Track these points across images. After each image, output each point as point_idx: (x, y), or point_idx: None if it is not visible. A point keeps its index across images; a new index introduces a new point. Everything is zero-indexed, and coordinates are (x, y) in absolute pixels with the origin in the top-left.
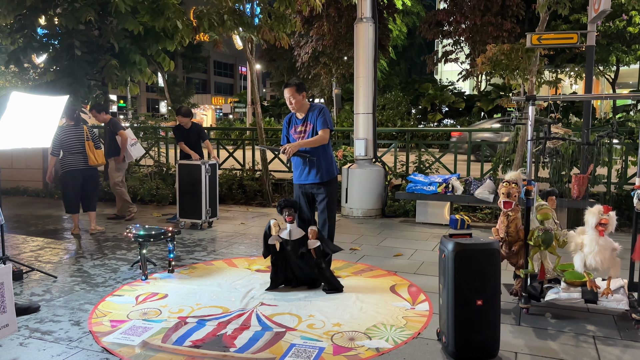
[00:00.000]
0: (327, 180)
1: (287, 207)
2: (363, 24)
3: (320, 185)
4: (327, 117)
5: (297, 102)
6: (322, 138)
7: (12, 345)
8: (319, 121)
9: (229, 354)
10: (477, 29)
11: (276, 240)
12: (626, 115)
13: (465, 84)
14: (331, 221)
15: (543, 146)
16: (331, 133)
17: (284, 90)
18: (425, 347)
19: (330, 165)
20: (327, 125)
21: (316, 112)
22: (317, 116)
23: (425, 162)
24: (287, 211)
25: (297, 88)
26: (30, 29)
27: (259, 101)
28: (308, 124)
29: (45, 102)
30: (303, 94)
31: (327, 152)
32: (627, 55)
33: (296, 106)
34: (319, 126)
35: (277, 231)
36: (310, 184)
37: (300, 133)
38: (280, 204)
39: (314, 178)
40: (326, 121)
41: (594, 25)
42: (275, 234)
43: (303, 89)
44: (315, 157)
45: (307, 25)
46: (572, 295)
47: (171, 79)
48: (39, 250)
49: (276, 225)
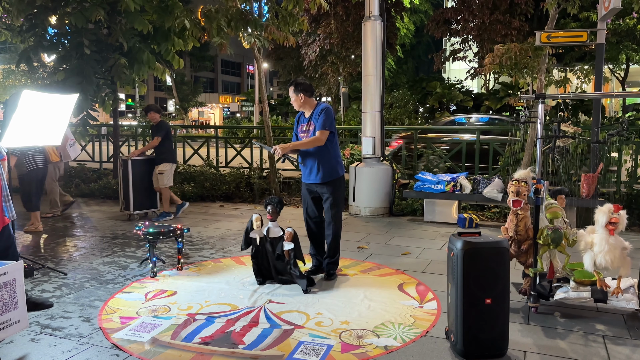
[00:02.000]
0: (329, 181)
1: (270, 205)
2: (371, 22)
3: (323, 185)
4: (327, 118)
5: (294, 101)
6: (317, 140)
7: (23, 341)
8: (318, 122)
9: (238, 351)
10: (486, 27)
11: (257, 235)
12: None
13: (474, 83)
14: (336, 221)
15: (553, 144)
16: (332, 135)
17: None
18: (433, 346)
19: (333, 165)
20: (325, 126)
21: (318, 112)
22: (318, 116)
23: (432, 161)
24: (270, 209)
25: (294, 88)
26: (41, 28)
27: (267, 100)
28: (311, 124)
29: (55, 100)
30: (301, 94)
31: (330, 152)
32: (637, 53)
33: (295, 105)
34: (318, 126)
35: (257, 225)
36: (313, 184)
37: (305, 132)
38: (266, 201)
39: (315, 178)
40: (324, 122)
41: (604, 23)
42: (256, 228)
43: (301, 89)
44: (311, 164)
45: (315, 24)
46: (582, 295)
47: (179, 78)
48: (48, 247)
49: (258, 220)
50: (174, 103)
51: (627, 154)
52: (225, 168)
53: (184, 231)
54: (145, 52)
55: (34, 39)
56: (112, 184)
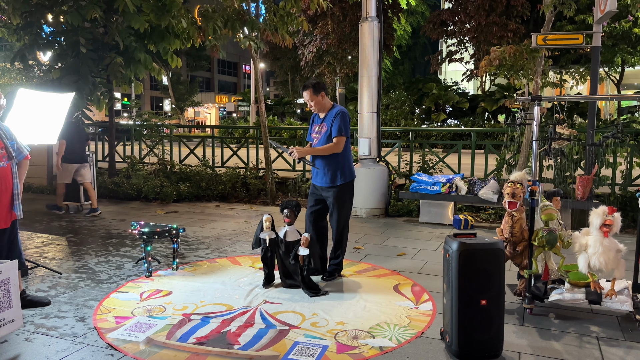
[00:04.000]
0: (334, 185)
1: (287, 209)
2: (368, 23)
3: (328, 189)
4: (343, 123)
5: (316, 103)
6: (335, 147)
7: (17, 340)
8: (334, 126)
9: (233, 351)
10: (482, 29)
11: (267, 235)
12: (631, 116)
13: (470, 84)
14: (339, 226)
15: (549, 146)
16: (346, 140)
17: (303, 93)
18: (428, 347)
19: (343, 170)
20: (342, 132)
21: (333, 115)
22: (332, 120)
23: (429, 162)
24: (287, 212)
25: (314, 89)
26: (37, 26)
27: (263, 100)
28: (324, 126)
29: (51, 99)
30: (322, 94)
31: (341, 157)
32: (632, 56)
33: (315, 108)
34: (334, 132)
35: (267, 226)
36: (319, 186)
37: (317, 133)
38: (283, 204)
39: (321, 181)
40: (342, 127)
41: (599, 26)
42: (265, 229)
43: (321, 89)
44: (319, 167)
45: (312, 24)
46: (576, 296)
47: (175, 77)
48: (43, 246)
49: (268, 221)
50: (170, 102)
51: (622, 157)
52: (221, 168)
53: (179, 231)
54: (141, 52)
55: (30, 37)
56: (107, 183)
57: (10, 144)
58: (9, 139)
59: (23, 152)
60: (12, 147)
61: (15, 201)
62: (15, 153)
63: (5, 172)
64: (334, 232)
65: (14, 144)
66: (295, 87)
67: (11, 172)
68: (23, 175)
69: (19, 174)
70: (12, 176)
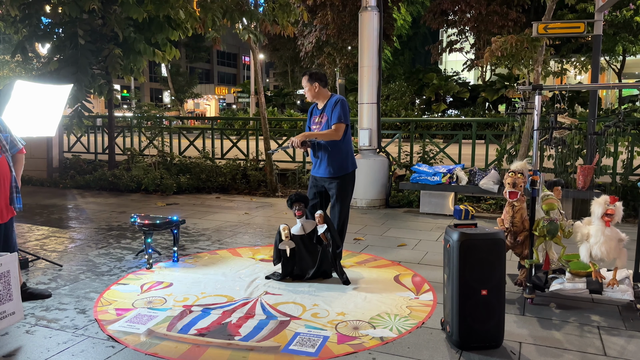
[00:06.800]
0: (337, 176)
1: (297, 202)
2: (367, 13)
3: (331, 180)
4: (342, 111)
5: (308, 90)
6: (334, 133)
7: (18, 333)
8: (334, 114)
9: (234, 342)
10: (482, 19)
11: (287, 246)
12: (632, 105)
13: (470, 74)
14: (341, 217)
15: (550, 136)
16: (346, 127)
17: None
18: (429, 337)
19: (343, 160)
20: (341, 119)
21: (332, 103)
22: (332, 108)
23: (429, 153)
24: (297, 205)
25: (309, 78)
26: (35, 18)
27: (263, 91)
28: (324, 116)
29: (49, 90)
30: (316, 83)
31: (341, 147)
32: (633, 45)
33: (308, 95)
34: (334, 119)
35: (286, 235)
36: (321, 177)
37: (317, 124)
38: (291, 198)
39: (323, 172)
40: (341, 115)
41: (601, 15)
42: (285, 238)
43: (316, 79)
44: (322, 158)
45: (311, 15)
46: (577, 286)
47: (174, 69)
48: (44, 239)
49: (285, 229)
50: (169, 94)
51: (623, 146)
52: (222, 160)
53: (180, 223)
54: (141, 42)
55: (28, 29)
56: (107, 176)
57: (3, 137)
58: (2, 132)
59: (17, 146)
60: (6, 140)
61: (13, 194)
62: (9, 146)
63: (1, 164)
64: (336, 223)
65: (8, 137)
66: (295, 78)
67: (8, 165)
68: (20, 170)
69: (15, 169)
70: (9, 169)
